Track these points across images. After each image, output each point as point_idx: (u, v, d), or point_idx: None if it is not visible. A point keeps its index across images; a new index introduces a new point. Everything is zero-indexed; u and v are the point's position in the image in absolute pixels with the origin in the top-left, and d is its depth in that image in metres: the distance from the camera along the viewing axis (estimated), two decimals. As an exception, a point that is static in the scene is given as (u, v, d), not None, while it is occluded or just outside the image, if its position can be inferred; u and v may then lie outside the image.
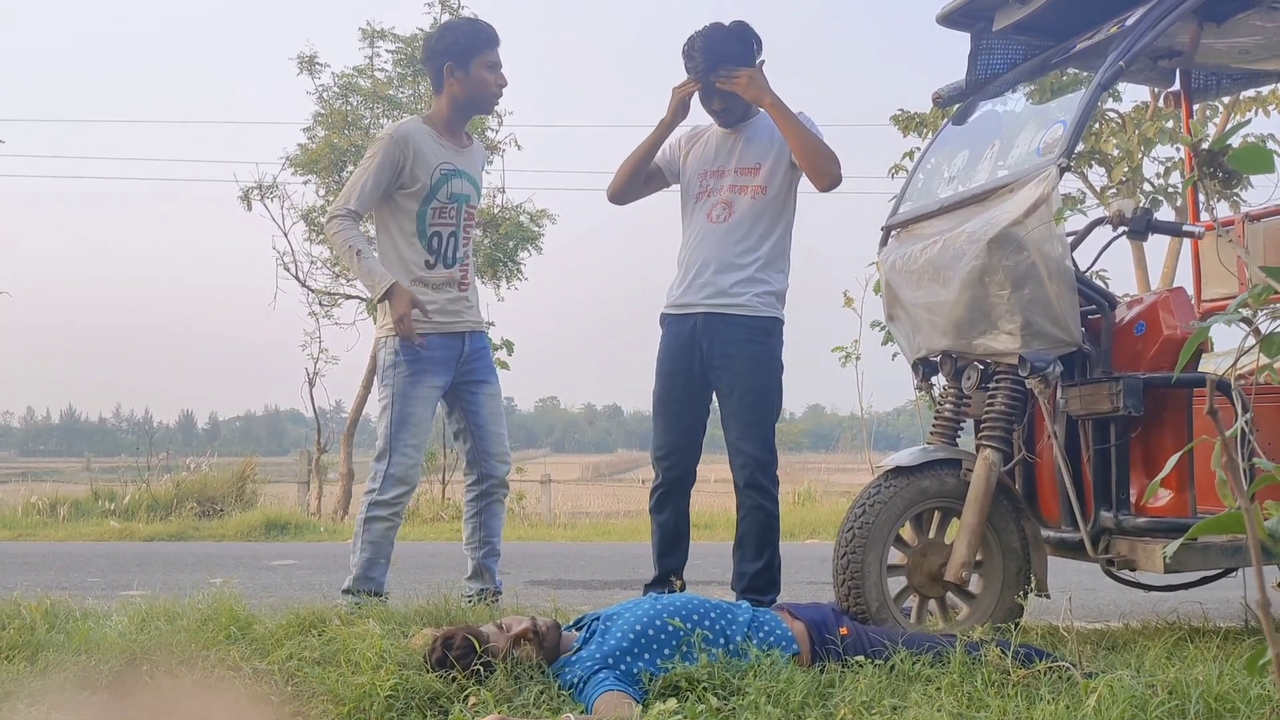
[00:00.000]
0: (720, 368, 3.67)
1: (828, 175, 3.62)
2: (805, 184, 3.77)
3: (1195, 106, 4.53)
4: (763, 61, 3.69)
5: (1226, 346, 4.02)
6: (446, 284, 3.78)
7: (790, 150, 3.66)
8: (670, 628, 2.68)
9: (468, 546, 3.92)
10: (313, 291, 12.65)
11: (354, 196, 3.71)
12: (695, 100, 3.78)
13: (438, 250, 3.77)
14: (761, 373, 3.67)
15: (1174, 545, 1.20)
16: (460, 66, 3.75)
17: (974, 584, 3.32)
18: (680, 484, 3.76)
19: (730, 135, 3.78)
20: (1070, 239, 3.19)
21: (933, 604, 3.34)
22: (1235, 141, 1.41)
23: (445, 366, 3.77)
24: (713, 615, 2.78)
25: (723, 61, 3.64)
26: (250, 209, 12.08)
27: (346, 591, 3.64)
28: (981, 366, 3.39)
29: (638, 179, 3.90)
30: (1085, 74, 4.09)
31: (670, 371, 3.75)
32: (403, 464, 3.68)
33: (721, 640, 2.72)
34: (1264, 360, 1.38)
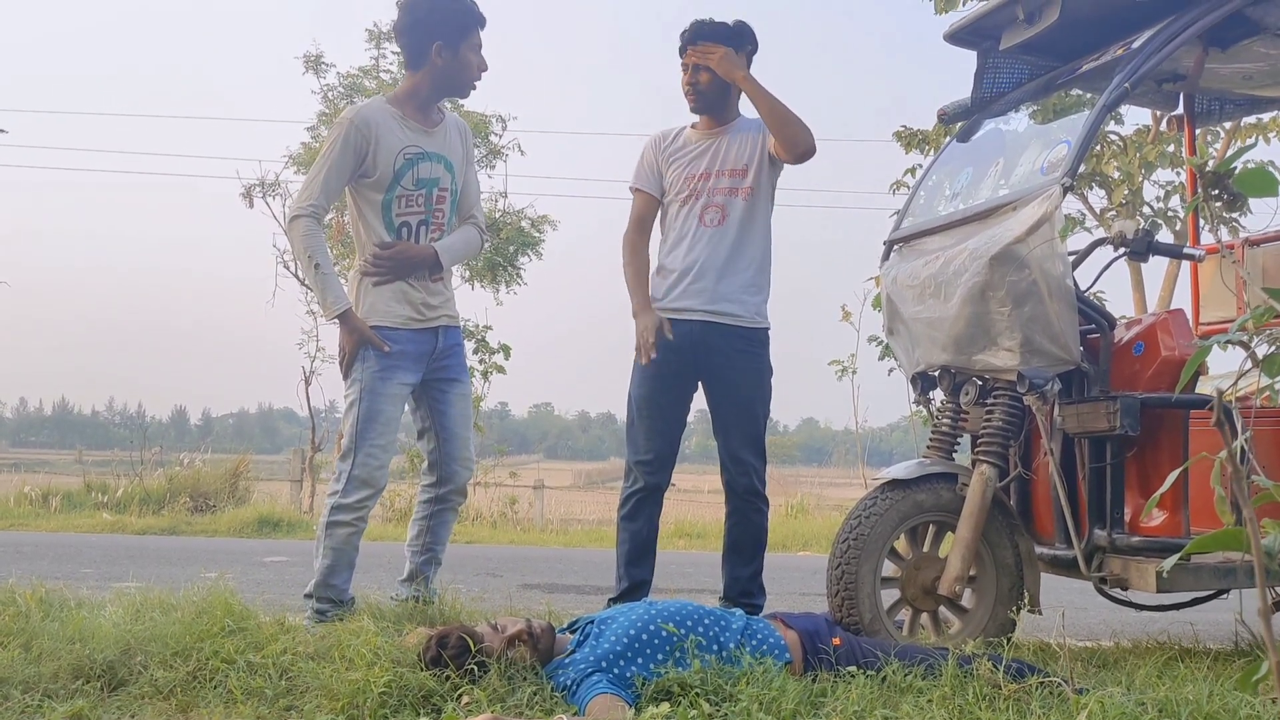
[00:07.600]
0: (718, 377, 3.67)
1: (801, 144, 3.58)
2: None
3: (1198, 131, 4.55)
4: (751, 52, 3.71)
5: (1222, 371, 4.05)
6: (419, 279, 3.54)
7: (764, 139, 3.68)
8: (664, 633, 2.69)
9: (409, 549, 3.69)
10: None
11: (317, 190, 3.44)
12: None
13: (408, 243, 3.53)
14: (759, 383, 3.70)
15: (1170, 560, 1.21)
16: (450, 46, 3.49)
17: (967, 598, 3.34)
18: (659, 491, 3.73)
19: (711, 137, 3.77)
20: (1071, 258, 3.21)
21: (925, 617, 3.35)
22: (1240, 165, 1.43)
23: (417, 362, 3.54)
24: (706, 621, 2.79)
25: (707, 39, 3.67)
26: (252, 206, 12.08)
27: (308, 596, 3.43)
28: (980, 382, 3.41)
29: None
30: (1090, 95, 4.13)
31: (659, 374, 3.67)
32: (368, 465, 3.42)
33: (715, 646, 2.73)
34: (1264, 382, 1.40)
